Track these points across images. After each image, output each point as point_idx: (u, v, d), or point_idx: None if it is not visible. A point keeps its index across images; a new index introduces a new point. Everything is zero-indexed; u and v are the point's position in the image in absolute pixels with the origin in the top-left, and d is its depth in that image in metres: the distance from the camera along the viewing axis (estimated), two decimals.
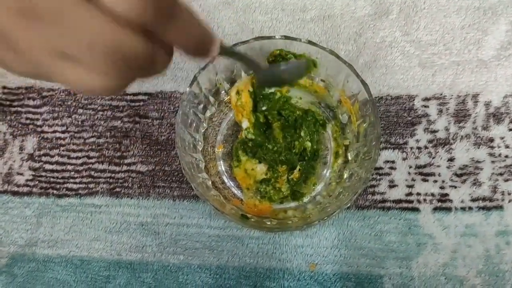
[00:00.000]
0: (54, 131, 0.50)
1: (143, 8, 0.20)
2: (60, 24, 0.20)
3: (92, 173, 0.49)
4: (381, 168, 0.46)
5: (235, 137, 0.48)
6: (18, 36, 0.21)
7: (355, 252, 0.45)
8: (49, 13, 0.19)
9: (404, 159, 0.46)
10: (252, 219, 0.44)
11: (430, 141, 0.46)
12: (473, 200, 0.45)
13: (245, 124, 0.44)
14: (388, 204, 0.45)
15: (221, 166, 0.48)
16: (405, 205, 0.45)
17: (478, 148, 0.46)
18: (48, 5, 0.19)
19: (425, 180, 0.46)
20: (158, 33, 0.23)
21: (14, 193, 0.49)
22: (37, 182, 0.49)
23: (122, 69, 0.22)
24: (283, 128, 0.45)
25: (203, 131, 0.47)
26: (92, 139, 0.49)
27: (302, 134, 0.45)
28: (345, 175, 0.45)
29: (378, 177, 0.46)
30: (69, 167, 0.49)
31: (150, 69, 0.24)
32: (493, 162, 0.45)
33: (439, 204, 0.45)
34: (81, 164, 0.49)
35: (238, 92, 0.44)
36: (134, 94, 0.50)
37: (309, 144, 0.45)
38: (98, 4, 0.20)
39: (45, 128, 0.50)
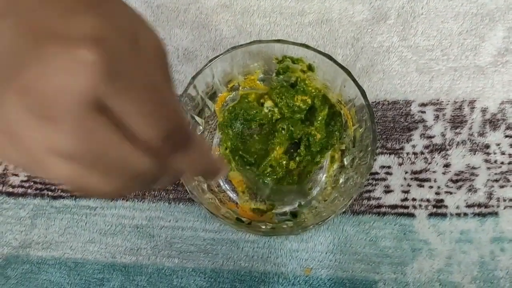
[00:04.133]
0: None
1: (159, 137, 0.21)
2: (71, 131, 0.19)
3: None
4: (377, 173, 0.46)
5: None
6: (23, 133, 0.20)
7: (350, 257, 0.44)
8: (62, 118, 0.19)
9: (400, 164, 0.46)
10: (247, 223, 0.43)
11: (426, 147, 0.46)
12: (469, 206, 0.45)
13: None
14: (383, 210, 0.45)
15: None
16: (400, 210, 0.45)
17: (474, 154, 0.46)
18: (63, 110, 0.18)
19: (420, 186, 0.45)
20: (169, 160, 0.23)
21: (9, 194, 0.49)
22: (32, 183, 0.49)
23: (126, 181, 0.21)
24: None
25: (199, 133, 0.47)
26: None
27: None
28: (341, 180, 0.45)
29: (374, 182, 0.46)
30: None
31: (154, 185, 0.24)
32: (488, 168, 0.45)
33: (435, 210, 0.45)
34: None
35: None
36: None
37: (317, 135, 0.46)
38: (113, 118, 0.19)
39: None
